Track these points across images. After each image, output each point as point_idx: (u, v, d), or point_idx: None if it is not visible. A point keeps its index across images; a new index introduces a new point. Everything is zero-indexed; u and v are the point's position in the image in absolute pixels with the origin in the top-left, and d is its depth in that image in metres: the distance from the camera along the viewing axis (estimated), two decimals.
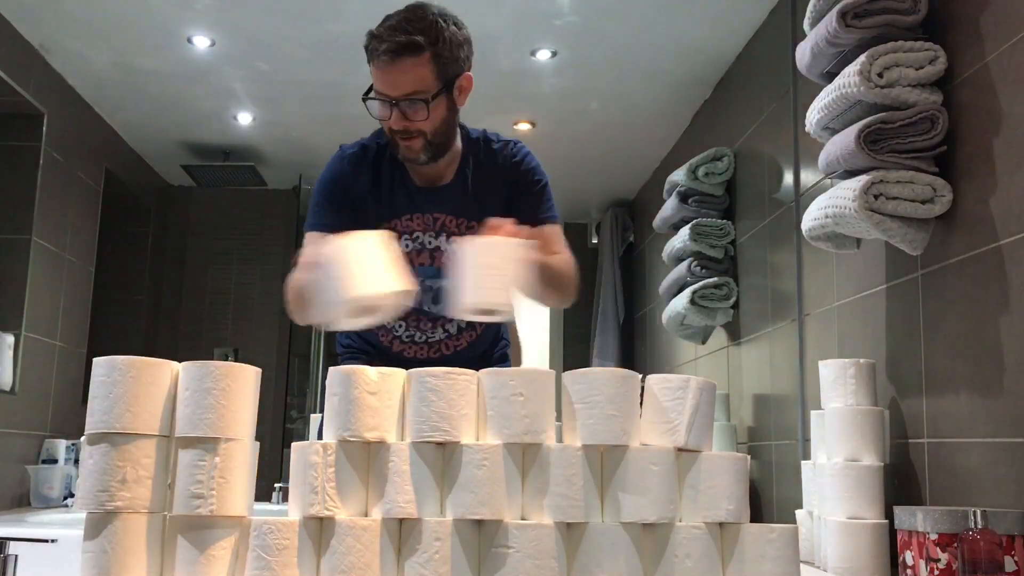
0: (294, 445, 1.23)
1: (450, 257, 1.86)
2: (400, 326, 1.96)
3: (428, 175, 1.90)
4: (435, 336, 1.96)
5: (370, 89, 1.81)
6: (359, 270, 1.38)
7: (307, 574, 1.15)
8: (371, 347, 2.03)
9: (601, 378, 1.22)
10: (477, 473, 1.18)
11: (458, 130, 1.92)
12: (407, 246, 1.90)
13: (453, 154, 1.90)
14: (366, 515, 1.20)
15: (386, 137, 1.87)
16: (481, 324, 1.98)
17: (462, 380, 1.22)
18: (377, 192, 1.90)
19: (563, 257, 1.87)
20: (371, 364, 1.99)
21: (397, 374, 1.26)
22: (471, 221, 1.88)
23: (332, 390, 1.23)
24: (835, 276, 2.57)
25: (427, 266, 1.91)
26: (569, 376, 1.25)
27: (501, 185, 1.91)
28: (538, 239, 1.81)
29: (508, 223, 1.58)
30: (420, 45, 1.74)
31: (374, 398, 1.21)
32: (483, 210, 1.86)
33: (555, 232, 1.93)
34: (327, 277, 1.40)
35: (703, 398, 1.25)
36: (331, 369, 1.25)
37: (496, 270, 1.46)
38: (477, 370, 2.00)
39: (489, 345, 2.04)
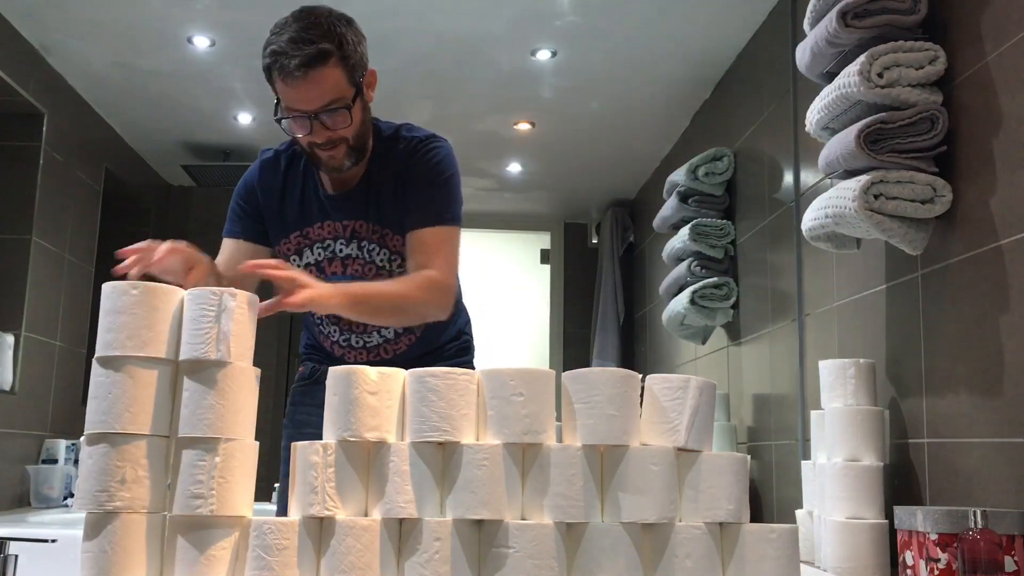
0: (294, 445, 1.23)
1: (361, 263, 1.86)
2: (334, 331, 1.95)
3: (337, 180, 1.85)
4: (372, 340, 1.93)
5: (277, 107, 1.75)
6: None
7: (307, 574, 1.15)
8: (320, 351, 2.04)
9: (601, 378, 1.22)
10: (477, 473, 1.18)
11: (371, 127, 1.86)
12: (319, 255, 1.88)
13: (365, 157, 1.85)
14: (366, 515, 1.20)
15: (303, 150, 1.82)
16: (420, 327, 1.93)
17: (462, 380, 1.22)
18: (288, 201, 1.88)
19: (402, 285, 1.74)
20: (325, 364, 2.03)
21: (397, 374, 1.26)
22: (374, 224, 1.85)
23: (332, 390, 1.23)
24: (835, 276, 2.57)
25: (339, 274, 1.87)
26: (569, 376, 1.25)
27: (399, 182, 1.84)
28: (415, 244, 1.79)
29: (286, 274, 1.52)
30: (328, 51, 1.69)
31: (374, 398, 1.21)
32: (384, 212, 1.84)
33: (439, 236, 1.79)
34: None
35: (703, 398, 1.25)
36: (331, 369, 1.25)
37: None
38: (431, 366, 2.00)
39: (440, 342, 1.99)
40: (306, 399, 2.00)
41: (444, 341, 2.01)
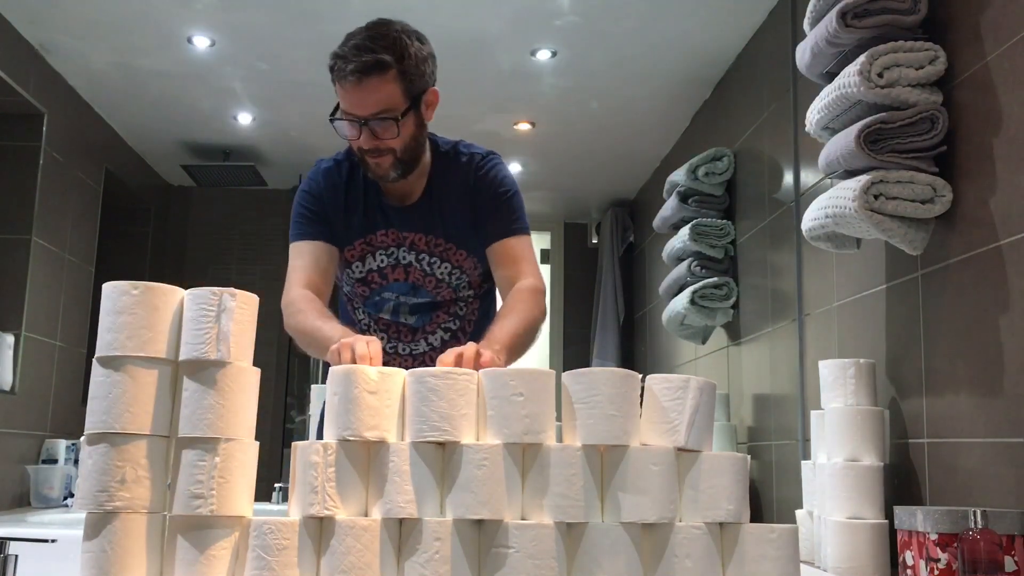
0: (294, 445, 1.23)
1: (421, 273, 1.91)
2: (383, 338, 1.98)
3: (398, 192, 1.90)
4: (418, 348, 1.97)
5: (336, 109, 1.80)
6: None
7: (307, 574, 1.15)
8: None
9: (601, 378, 1.22)
10: (477, 473, 1.18)
11: (427, 144, 1.90)
12: (382, 261, 1.92)
13: (422, 169, 1.89)
14: (366, 515, 1.20)
15: (355, 154, 1.86)
16: (466, 334, 1.99)
17: (462, 380, 1.22)
18: (351, 209, 1.91)
19: (525, 310, 1.79)
20: None
21: (397, 374, 1.26)
22: (438, 239, 1.90)
23: (332, 389, 1.23)
24: (835, 276, 2.57)
25: (401, 281, 1.93)
26: (569, 376, 1.25)
27: (467, 200, 1.90)
28: (503, 254, 1.86)
29: (468, 352, 1.51)
30: (386, 63, 1.73)
31: (374, 397, 1.21)
32: (449, 227, 1.90)
33: (521, 245, 1.89)
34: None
35: (703, 398, 1.25)
36: (331, 369, 1.25)
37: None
38: None
39: None
40: None
41: None
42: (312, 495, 1.17)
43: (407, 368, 1.93)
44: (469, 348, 1.51)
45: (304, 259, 1.88)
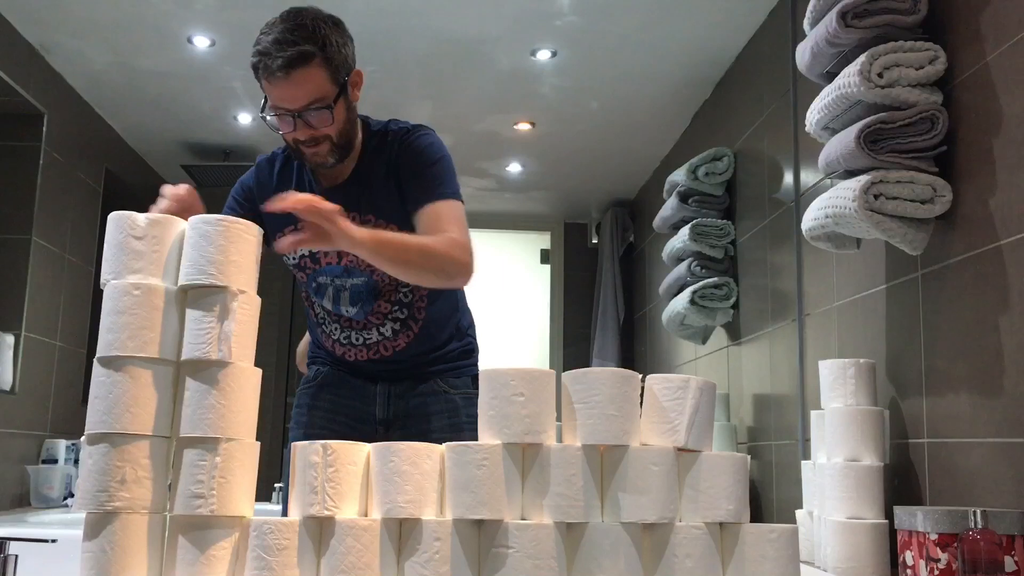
0: (294, 445, 1.23)
1: (356, 255, 1.85)
2: (335, 329, 1.97)
3: (328, 175, 1.90)
4: (371, 337, 1.95)
5: (264, 104, 1.80)
6: None
7: (307, 574, 1.15)
8: (323, 352, 2.07)
9: (601, 378, 1.22)
10: (477, 473, 1.18)
11: (359, 125, 1.90)
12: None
13: (354, 151, 1.89)
14: (366, 515, 1.20)
15: (289, 147, 1.86)
16: (417, 323, 1.95)
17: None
18: (278, 192, 1.88)
19: (425, 239, 1.75)
20: (329, 366, 2.03)
21: None
22: (366, 215, 1.87)
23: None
24: (835, 276, 2.57)
25: (334, 264, 1.91)
26: (569, 376, 1.25)
27: (393, 174, 1.88)
28: (427, 220, 1.81)
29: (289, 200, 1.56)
30: (310, 53, 1.72)
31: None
32: (376, 202, 1.87)
33: (447, 209, 1.82)
34: None
35: (703, 398, 1.25)
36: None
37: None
38: (429, 369, 1.98)
39: (442, 343, 2.01)
40: (312, 401, 2.03)
41: (445, 340, 2.01)
42: (312, 495, 1.17)
43: (362, 357, 1.93)
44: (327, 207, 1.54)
45: None
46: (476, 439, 1.21)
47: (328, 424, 1.97)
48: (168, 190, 1.56)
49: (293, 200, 1.56)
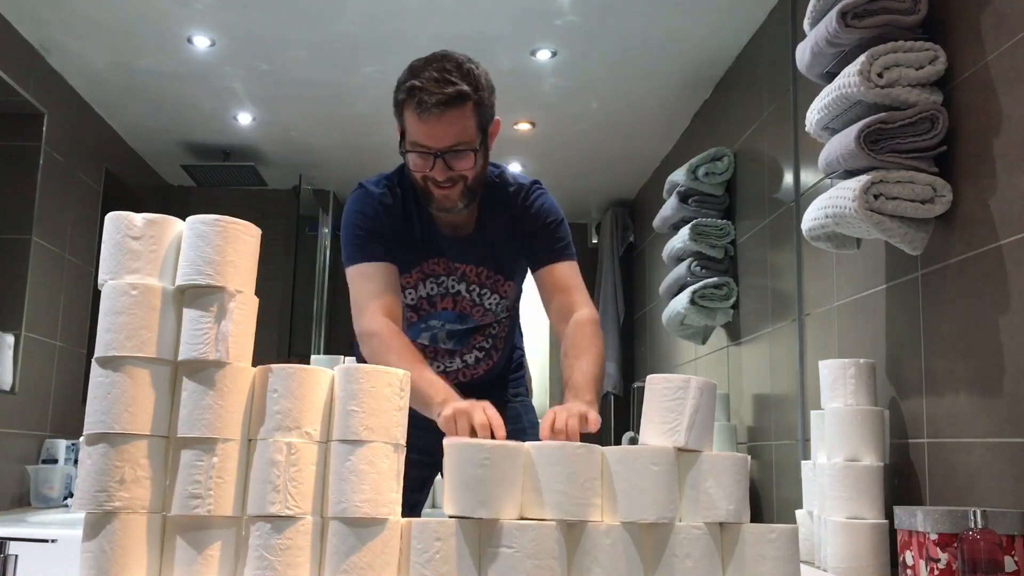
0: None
1: (470, 303, 1.93)
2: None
3: (451, 222, 1.88)
4: (452, 366, 2.01)
5: (402, 139, 1.77)
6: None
7: (309, 574, 1.15)
8: None
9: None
10: (477, 473, 1.18)
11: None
12: (432, 289, 1.92)
13: (476, 200, 1.88)
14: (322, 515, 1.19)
15: (416, 184, 1.82)
16: (498, 352, 2.03)
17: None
18: (408, 235, 1.88)
19: (595, 349, 1.79)
20: None
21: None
22: (489, 270, 1.92)
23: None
24: (835, 276, 2.57)
25: (449, 310, 1.94)
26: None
27: (515, 230, 1.90)
28: (554, 280, 1.88)
29: (572, 420, 1.53)
30: (467, 94, 1.71)
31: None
32: (499, 259, 1.92)
33: (572, 271, 1.91)
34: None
35: (703, 398, 1.25)
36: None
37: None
38: (496, 390, 2.04)
39: (504, 366, 2.10)
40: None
41: (508, 362, 2.12)
42: (274, 493, 1.17)
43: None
44: (569, 418, 1.52)
45: (376, 282, 1.81)
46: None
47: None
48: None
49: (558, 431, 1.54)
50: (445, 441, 1.24)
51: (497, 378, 2.08)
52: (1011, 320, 1.81)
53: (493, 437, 1.50)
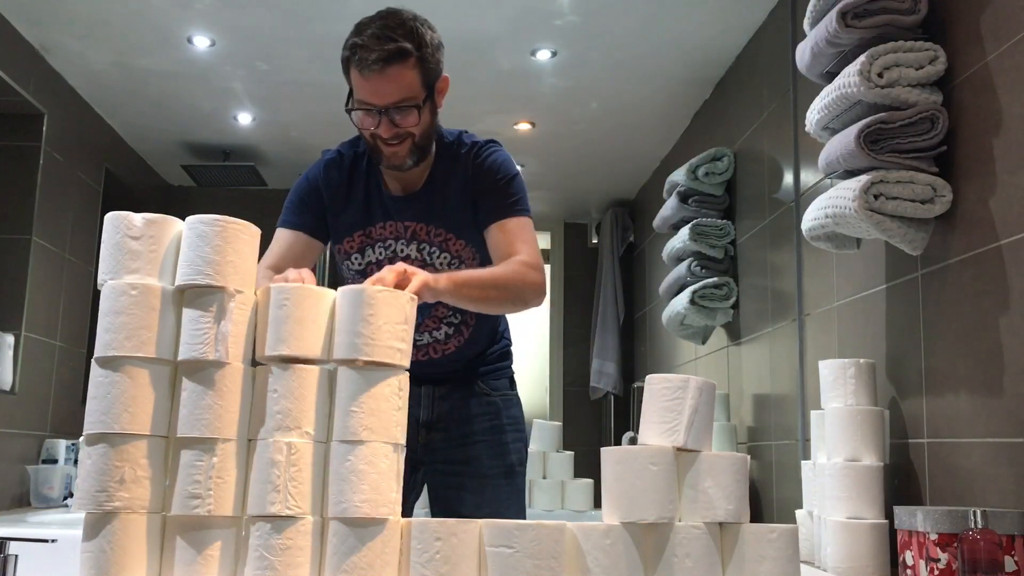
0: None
1: (420, 264, 1.88)
2: None
3: (402, 181, 1.90)
4: (422, 340, 1.96)
5: (349, 99, 1.80)
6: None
7: (309, 574, 1.15)
8: None
9: None
10: (278, 313, 1.18)
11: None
12: (380, 254, 1.91)
13: (427, 159, 1.89)
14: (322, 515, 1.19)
15: (365, 145, 1.86)
16: (468, 327, 1.97)
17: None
18: (352, 200, 1.91)
19: (502, 269, 1.77)
20: None
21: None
22: (438, 228, 1.89)
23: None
24: (835, 276, 2.57)
25: None
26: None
27: (467, 188, 1.89)
28: (502, 235, 1.84)
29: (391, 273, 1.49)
30: (407, 51, 1.73)
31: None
32: (449, 215, 1.89)
33: (520, 225, 1.86)
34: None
35: (702, 398, 1.25)
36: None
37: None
38: (470, 373, 2.00)
39: (484, 346, 2.04)
40: None
41: (488, 343, 2.05)
42: (274, 493, 1.17)
43: (413, 356, 1.94)
44: (399, 268, 1.49)
45: (279, 244, 1.91)
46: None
47: None
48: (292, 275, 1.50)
49: (378, 279, 1.49)
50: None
51: (474, 361, 2.02)
52: (1011, 320, 1.81)
53: None
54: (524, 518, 1.58)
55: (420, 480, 2.01)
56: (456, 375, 1.99)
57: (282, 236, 1.94)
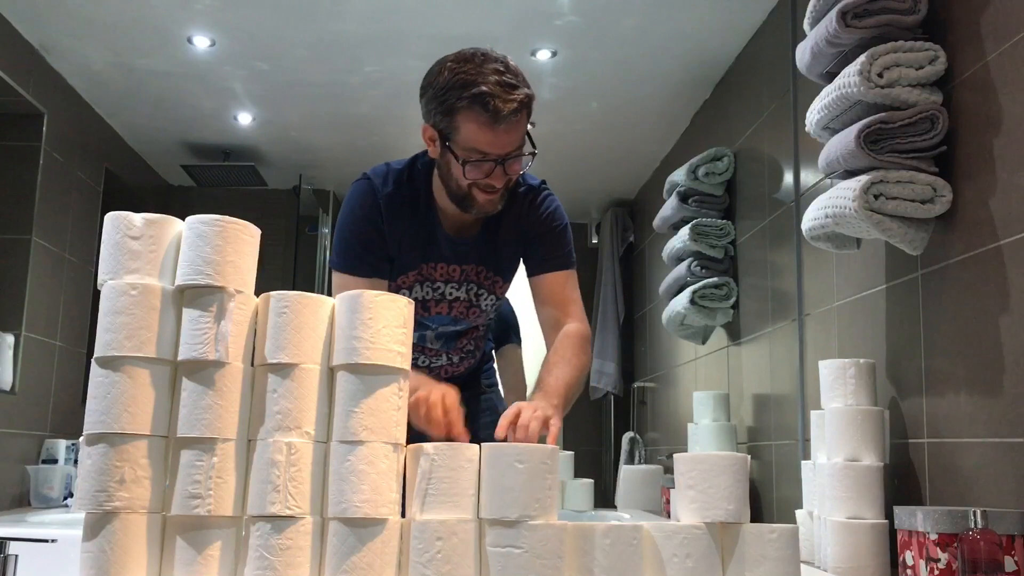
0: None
1: (466, 305, 1.90)
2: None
3: (459, 223, 1.82)
4: (438, 363, 2.01)
5: (445, 143, 1.66)
6: None
7: (309, 574, 1.15)
8: None
9: None
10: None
11: None
12: (428, 293, 1.87)
13: None
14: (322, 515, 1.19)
15: (451, 189, 1.72)
16: (478, 353, 2.06)
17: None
18: (415, 242, 1.81)
19: (577, 360, 1.74)
20: None
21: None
22: (490, 271, 1.88)
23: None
24: (835, 276, 2.57)
25: (443, 315, 1.90)
26: None
27: (521, 231, 1.86)
28: (551, 289, 1.84)
29: (535, 423, 1.49)
30: (532, 98, 1.65)
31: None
32: (502, 261, 1.88)
33: (570, 281, 1.86)
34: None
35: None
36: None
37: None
38: (472, 382, 2.08)
39: (478, 365, 2.15)
40: None
41: (482, 362, 2.19)
42: (274, 493, 1.17)
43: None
44: (532, 414, 1.48)
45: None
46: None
47: None
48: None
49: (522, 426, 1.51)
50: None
51: (474, 371, 2.14)
52: (1011, 320, 1.81)
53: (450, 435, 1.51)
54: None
55: None
56: (456, 380, 2.02)
57: (354, 285, 1.66)
